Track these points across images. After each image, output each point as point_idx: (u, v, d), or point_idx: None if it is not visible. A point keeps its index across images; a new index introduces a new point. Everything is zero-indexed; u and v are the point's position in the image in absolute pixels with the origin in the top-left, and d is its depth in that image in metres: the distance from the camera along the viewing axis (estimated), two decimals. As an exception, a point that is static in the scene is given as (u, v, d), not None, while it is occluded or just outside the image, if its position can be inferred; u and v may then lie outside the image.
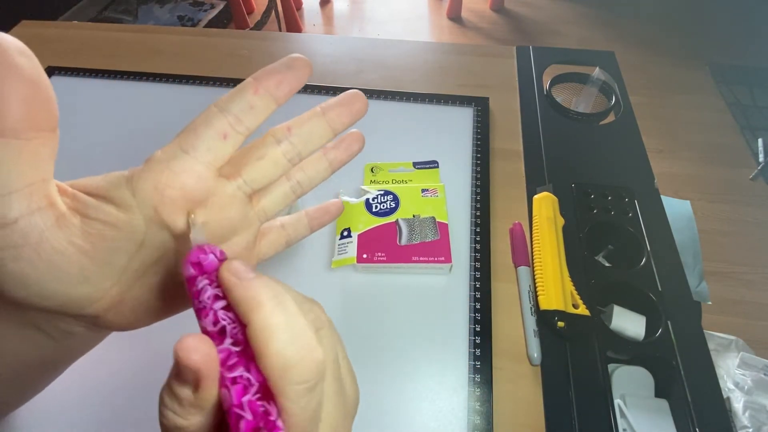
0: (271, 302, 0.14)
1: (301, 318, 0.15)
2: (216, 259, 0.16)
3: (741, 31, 1.96)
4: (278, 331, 0.14)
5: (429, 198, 0.44)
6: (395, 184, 0.47)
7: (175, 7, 2.03)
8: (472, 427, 0.33)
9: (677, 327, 0.37)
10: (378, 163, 0.49)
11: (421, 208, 0.43)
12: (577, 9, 2.13)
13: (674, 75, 1.77)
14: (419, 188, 0.45)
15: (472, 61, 0.62)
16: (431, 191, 0.45)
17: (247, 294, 0.14)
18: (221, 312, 0.15)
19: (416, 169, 0.48)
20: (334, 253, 0.42)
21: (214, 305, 0.15)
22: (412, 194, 0.45)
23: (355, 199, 0.45)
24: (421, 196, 0.44)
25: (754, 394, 0.83)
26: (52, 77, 0.60)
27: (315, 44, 0.66)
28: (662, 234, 0.43)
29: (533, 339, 0.37)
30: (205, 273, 0.16)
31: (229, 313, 0.15)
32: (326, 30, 2.12)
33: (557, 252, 0.40)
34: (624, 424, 0.33)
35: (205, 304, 0.15)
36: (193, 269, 0.16)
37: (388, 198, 0.44)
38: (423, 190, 0.45)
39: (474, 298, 0.39)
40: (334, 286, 0.41)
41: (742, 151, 1.50)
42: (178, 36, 0.67)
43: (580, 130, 0.53)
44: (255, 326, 0.14)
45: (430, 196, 0.44)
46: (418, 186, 0.45)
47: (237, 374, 0.14)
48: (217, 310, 0.15)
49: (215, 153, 0.18)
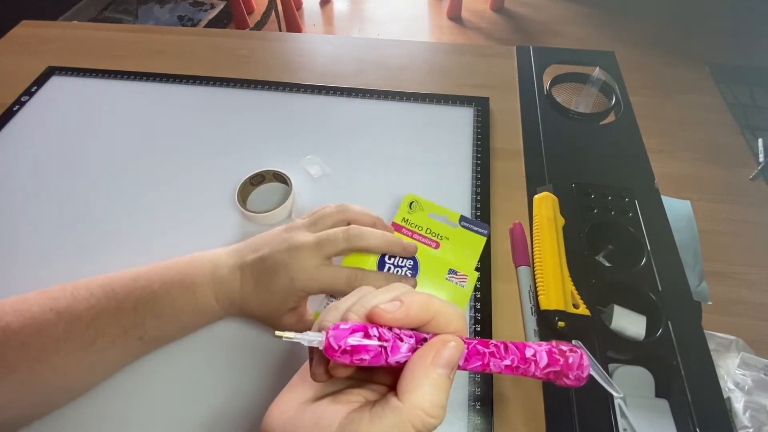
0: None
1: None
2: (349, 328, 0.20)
3: (741, 31, 1.96)
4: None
5: (453, 284, 0.36)
6: (428, 234, 0.39)
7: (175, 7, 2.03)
8: (472, 427, 0.33)
9: (677, 327, 0.37)
10: (420, 198, 0.41)
11: (439, 293, 0.36)
12: (577, 9, 2.13)
13: (674, 75, 1.77)
14: (447, 267, 0.37)
15: (472, 61, 0.62)
16: (459, 277, 0.37)
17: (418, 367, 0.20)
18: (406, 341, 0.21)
19: (461, 226, 0.40)
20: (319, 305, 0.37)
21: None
22: (437, 271, 0.37)
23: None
24: (445, 278, 0.37)
25: (754, 394, 0.83)
26: (52, 77, 0.60)
27: (315, 44, 0.66)
28: (662, 234, 0.43)
29: (533, 339, 0.37)
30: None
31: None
32: (326, 30, 2.12)
33: (557, 252, 0.40)
34: (624, 424, 0.33)
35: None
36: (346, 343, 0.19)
37: (407, 264, 0.37)
38: (450, 270, 0.37)
39: (474, 298, 0.39)
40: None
41: (742, 151, 1.50)
42: (178, 36, 0.67)
43: (580, 130, 0.53)
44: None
45: (456, 282, 0.37)
46: (447, 263, 0.37)
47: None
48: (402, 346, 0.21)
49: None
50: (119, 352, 0.32)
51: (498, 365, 0.21)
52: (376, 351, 0.19)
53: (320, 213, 0.36)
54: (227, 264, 0.35)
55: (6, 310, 0.30)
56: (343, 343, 0.19)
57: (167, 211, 0.46)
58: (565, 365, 0.22)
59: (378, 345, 0.19)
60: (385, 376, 0.23)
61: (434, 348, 0.20)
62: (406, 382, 0.19)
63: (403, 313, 0.20)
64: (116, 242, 0.43)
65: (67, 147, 0.51)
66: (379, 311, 0.20)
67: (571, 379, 0.22)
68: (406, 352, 0.20)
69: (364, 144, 0.51)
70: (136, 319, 0.32)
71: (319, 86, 0.57)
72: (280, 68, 0.61)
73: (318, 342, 0.19)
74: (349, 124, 0.53)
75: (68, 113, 0.55)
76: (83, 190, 0.47)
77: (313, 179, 0.48)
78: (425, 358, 0.20)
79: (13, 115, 0.55)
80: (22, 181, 0.48)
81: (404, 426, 0.18)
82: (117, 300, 0.32)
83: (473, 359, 0.21)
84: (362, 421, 0.19)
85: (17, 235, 0.44)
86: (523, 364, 0.21)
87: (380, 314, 0.20)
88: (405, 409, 0.19)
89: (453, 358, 0.20)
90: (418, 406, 0.19)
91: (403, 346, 0.20)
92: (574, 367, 0.22)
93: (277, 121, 0.54)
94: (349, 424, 0.19)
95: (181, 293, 0.33)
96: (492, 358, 0.21)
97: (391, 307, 0.21)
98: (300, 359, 0.35)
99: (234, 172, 0.47)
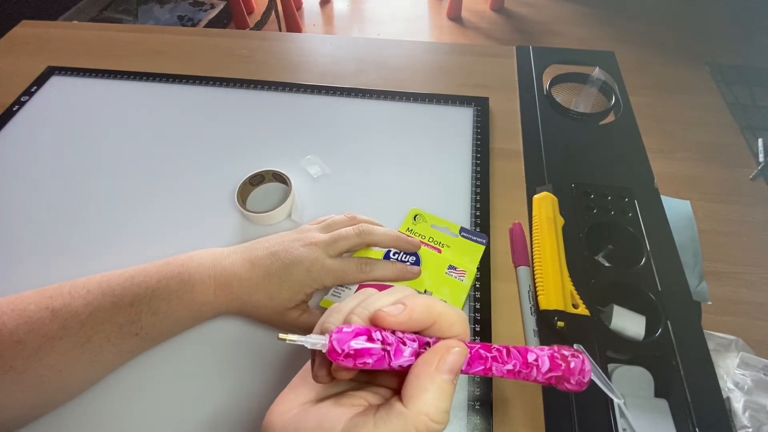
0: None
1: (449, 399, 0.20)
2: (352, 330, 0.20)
3: (741, 31, 1.96)
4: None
5: (452, 278, 0.39)
6: (431, 242, 0.41)
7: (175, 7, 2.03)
8: (472, 427, 0.33)
9: (677, 327, 0.37)
10: (424, 212, 0.44)
11: (439, 286, 0.38)
12: (577, 9, 2.13)
13: (674, 75, 1.77)
14: (448, 263, 0.40)
15: (472, 61, 0.62)
16: (459, 272, 0.39)
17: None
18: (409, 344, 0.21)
19: (461, 236, 0.42)
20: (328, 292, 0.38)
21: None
22: (437, 266, 0.40)
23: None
24: (445, 272, 0.39)
25: (754, 394, 0.83)
26: (52, 77, 0.60)
27: (315, 44, 0.66)
28: (662, 234, 0.43)
29: (533, 339, 0.37)
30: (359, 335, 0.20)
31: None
32: (326, 30, 2.12)
33: (557, 252, 0.40)
34: (624, 424, 0.33)
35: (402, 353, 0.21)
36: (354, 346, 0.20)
37: (410, 260, 0.40)
38: (450, 266, 0.40)
39: (474, 298, 0.39)
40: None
41: (742, 151, 1.50)
42: (178, 36, 0.67)
43: (580, 130, 0.53)
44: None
45: (455, 277, 0.39)
46: (448, 260, 0.40)
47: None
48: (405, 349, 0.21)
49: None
50: (115, 349, 0.32)
51: (500, 369, 0.21)
52: (380, 355, 0.19)
53: (331, 220, 0.40)
54: (232, 259, 0.35)
55: (2, 309, 0.30)
56: (346, 347, 0.19)
57: (167, 211, 0.46)
58: (567, 370, 0.22)
59: (381, 349, 0.20)
60: (387, 379, 0.23)
61: (438, 353, 0.20)
62: (410, 387, 0.19)
63: (407, 317, 0.21)
64: (116, 242, 0.43)
65: (66, 147, 0.51)
66: (382, 314, 0.21)
67: (572, 384, 0.22)
68: (410, 356, 0.20)
69: (364, 144, 0.51)
70: (132, 315, 0.32)
71: (319, 86, 0.57)
72: (280, 68, 0.61)
73: (321, 345, 0.19)
74: (348, 124, 0.53)
75: (68, 113, 0.55)
76: (83, 190, 0.47)
77: (312, 179, 0.48)
78: (430, 364, 0.20)
79: (12, 115, 0.55)
80: (21, 181, 0.48)
81: (409, 431, 0.19)
82: (113, 297, 0.32)
83: (476, 363, 0.21)
84: (366, 425, 0.19)
85: (17, 235, 0.44)
86: (525, 369, 0.22)
87: (383, 317, 0.20)
88: (410, 414, 0.19)
89: (457, 364, 0.20)
90: (423, 412, 0.19)
91: (406, 350, 0.20)
92: (575, 372, 0.22)
93: (277, 121, 0.54)
94: (353, 429, 0.19)
95: (178, 287, 0.33)
96: (494, 362, 0.21)
97: (395, 310, 0.21)
98: (301, 359, 0.35)
99: (234, 172, 0.47)
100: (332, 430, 0.19)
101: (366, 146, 0.51)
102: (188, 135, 0.53)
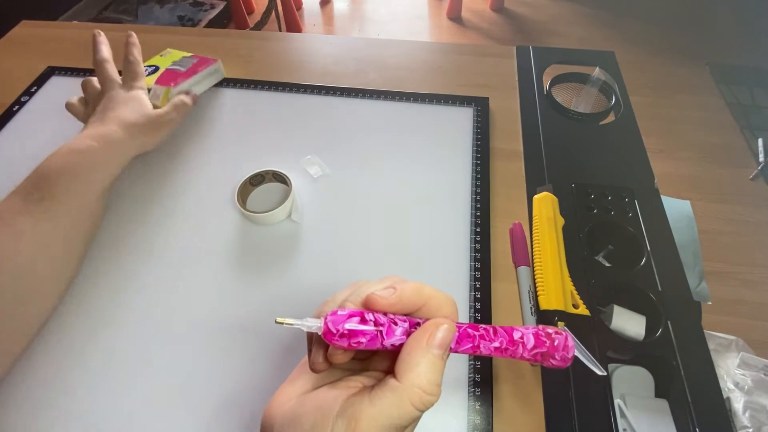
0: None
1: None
2: (347, 312, 0.21)
3: (741, 31, 1.96)
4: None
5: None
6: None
7: (175, 7, 2.03)
8: (472, 427, 0.33)
9: (677, 327, 0.37)
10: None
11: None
12: (577, 9, 2.13)
13: (674, 75, 1.77)
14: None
15: (472, 61, 0.62)
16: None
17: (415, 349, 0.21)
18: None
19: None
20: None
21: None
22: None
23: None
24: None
25: (754, 394, 0.83)
26: (52, 77, 0.60)
27: (315, 44, 0.66)
28: (662, 234, 0.43)
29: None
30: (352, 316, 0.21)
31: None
32: (326, 30, 2.12)
33: (557, 252, 0.40)
34: (624, 424, 0.33)
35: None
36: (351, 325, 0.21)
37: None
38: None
39: (474, 298, 0.39)
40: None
41: (742, 151, 1.50)
42: (178, 36, 0.67)
43: (580, 130, 0.53)
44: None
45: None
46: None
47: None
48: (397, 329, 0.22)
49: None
50: (24, 219, 0.35)
51: (488, 347, 0.23)
52: (373, 334, 0.21)
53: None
54: None
55: None
56: (341, 327, 0.20)
57: (167, 211, 0.46)
58: (551, 347, 0.23)
59: (374, 329, 0.21)
60: (381, 363, 0.24)
61: (428, 331, 0.21)
62: (403, 363, 0.21)
63: (397, 298, 0.22)
64: (115, 242, 0.43)
65: (67, 147, 0.51)
66: (374, 297, 0.22)
67: (557, 360, 0.23)
68: (401, 335, 0.22)
69: (364, 144, 0.51)
70: (28, 185, 0.37)
71: (319, 86, 0.57)
72: (280, 68, 0.61)
73: (317, 327, 0.21)
74: (348, 124, 0.53)
75: (68, 113, 0.55)
76: (83, 190, 0.47)
77: (312, 179, 0.48)
78: (420, 340, 0.21)
79: (12, 115, 0.55)
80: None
81: (403, 403, 0.20)
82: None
83: (464, 341, 0.22)
84: (363, 402, 0.20)
85: (17, 235, 0.44)
86: (512, 346, 0.23)
87: (375, 300, 0.22)
88: (404, 388, 0.20)
89: (446, 339, 0.21)
90: (416, 385, 0.20)
91: (397, 330, 0.21)
92: (560, 349, 0.23)
93: (277, 121, 0.54)
94: (349, 407, 0.20)
95: (68, 153, 0.39)
96: (482, 340, 0.23)
97: (386, 293, 0.22)
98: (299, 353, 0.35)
99: (234, 172, 0.47)
100: (330, 410, 0.20)
101: (366, 146, 0.51)
102: (188, 135, 0.53)
